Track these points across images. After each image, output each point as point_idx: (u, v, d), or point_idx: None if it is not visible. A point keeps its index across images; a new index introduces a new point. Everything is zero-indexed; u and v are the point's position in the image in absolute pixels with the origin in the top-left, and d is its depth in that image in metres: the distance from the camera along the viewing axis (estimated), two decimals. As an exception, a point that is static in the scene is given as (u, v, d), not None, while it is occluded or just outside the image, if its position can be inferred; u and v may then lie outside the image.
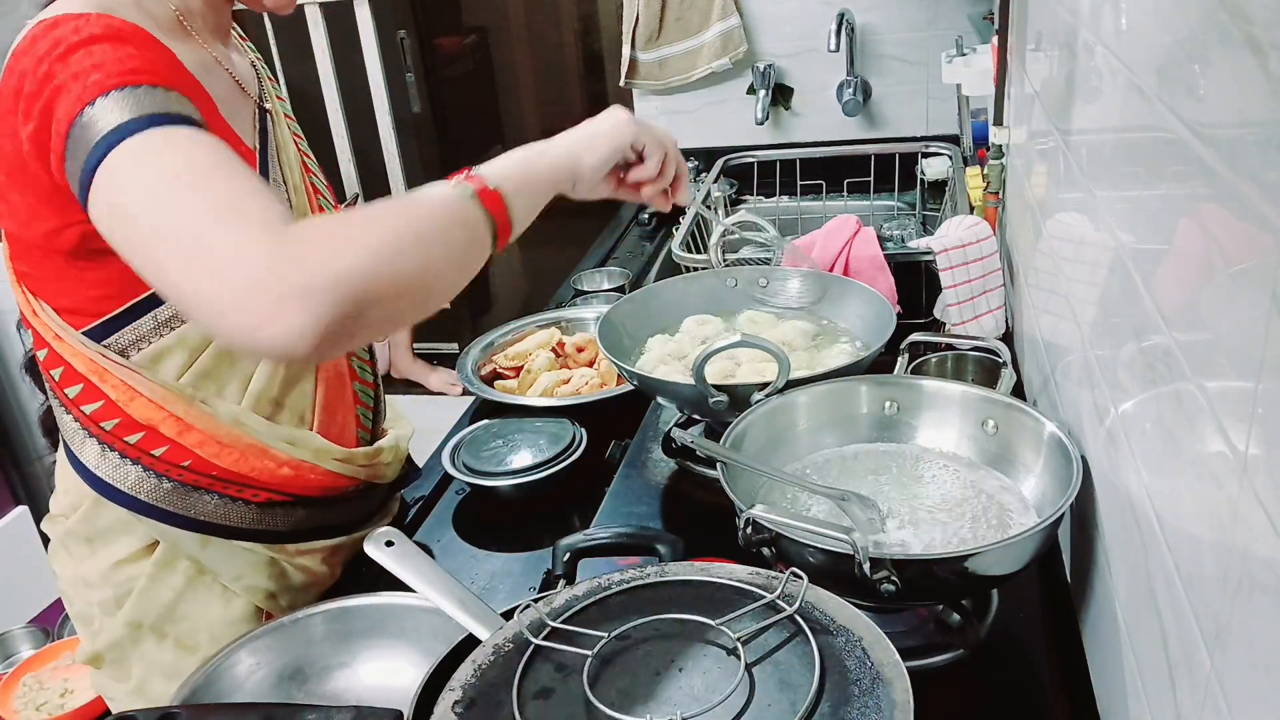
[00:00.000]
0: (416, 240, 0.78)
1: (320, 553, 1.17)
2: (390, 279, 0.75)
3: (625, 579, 0.81)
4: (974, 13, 2.29)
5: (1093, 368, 0.92)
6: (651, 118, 2.65)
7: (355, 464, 1.17)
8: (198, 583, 1.10)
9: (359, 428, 1.22)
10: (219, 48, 1.06)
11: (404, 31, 3.18)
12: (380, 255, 0.74)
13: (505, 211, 0.86)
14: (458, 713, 0.69)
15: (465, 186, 0.85)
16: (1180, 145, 0.64)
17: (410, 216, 0.80)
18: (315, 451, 1.11)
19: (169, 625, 1.10)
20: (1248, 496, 0.51)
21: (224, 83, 1.04)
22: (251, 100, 1.09)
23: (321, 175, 1.22)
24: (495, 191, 0.85)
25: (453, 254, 0.82)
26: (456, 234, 0.83)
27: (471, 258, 0.85)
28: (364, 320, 0.74)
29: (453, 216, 0.83)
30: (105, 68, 0.82)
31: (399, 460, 1.28)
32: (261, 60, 1.19)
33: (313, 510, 1.15)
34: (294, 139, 1.15)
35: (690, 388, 1.15)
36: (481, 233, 0.85)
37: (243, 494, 1.08)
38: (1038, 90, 1.30)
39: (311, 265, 0.71)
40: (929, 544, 0.95)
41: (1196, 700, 0.60)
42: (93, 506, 1.08)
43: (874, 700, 0.66)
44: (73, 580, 1.13)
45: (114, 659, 1.12)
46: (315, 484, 1.14)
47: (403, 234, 0.77)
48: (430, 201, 0.83)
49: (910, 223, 2.20)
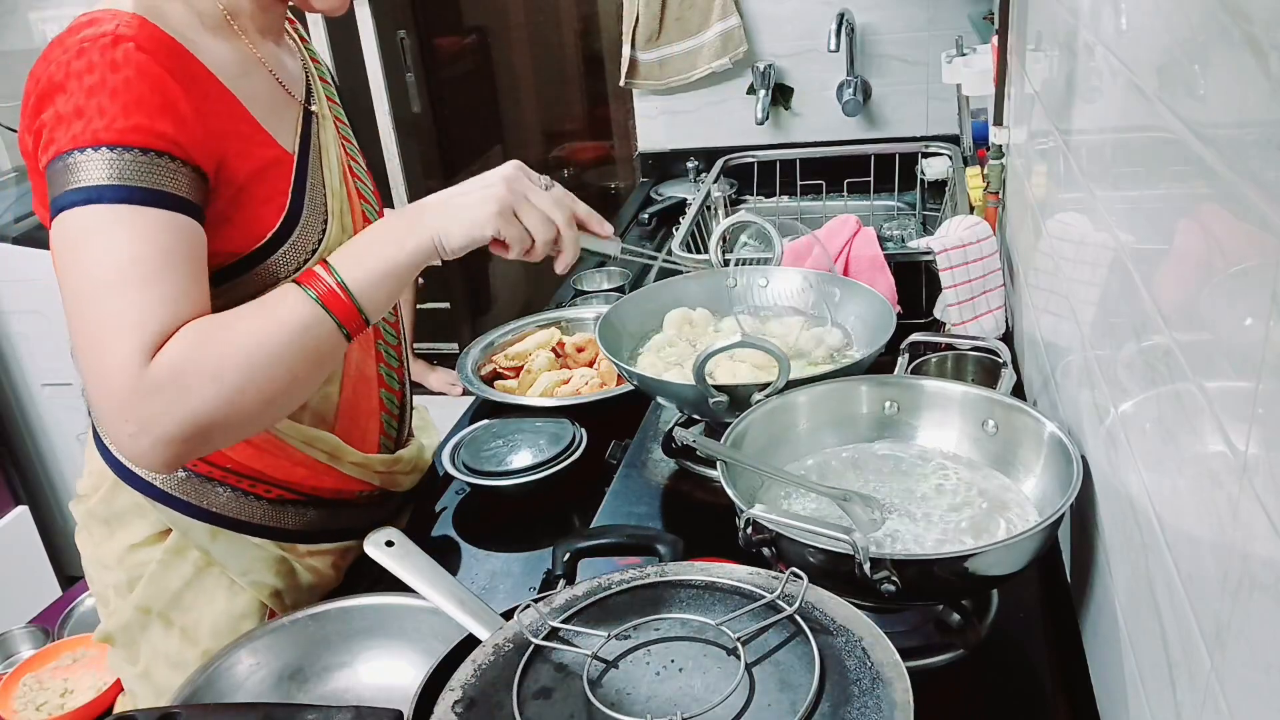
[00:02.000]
0: (268, 364, 0.87)
1: (330, 555, 1.17)
2: (237, 410, 0.86)
3: (625, 579, 0.81)
4: (974, 13, 2.29)
5: (1093, 368, 0.92)
6: (651, 118, 2.66)
7: (371, 470, 1.17)
8: (206, 574, 1.11)
9: (382, 434, 1.22)
10: (267, 47, 1.06)
11: (404, 31, 3.18)
12: (225, 394, 0.84)
13: (356, 313, 0.92)
14: (458, 713, 0.69)
15: (312, 294, 0.90)
16: (1180, 145, 0.64)
17: (262, 340, 0.87)
18: (331, 453, 1.12)
19: (175, 613, 1.11)
20: (1248, 496, 0.51)
21: (265, 83, 1.04)
22: (296, 102, 1.08)
23: (370, 181, 1.22)
24: (344, 297, 0.91)
25: (304, 363, 0.90)
26: (307, 344, 0.90)
27: (325, 359, 0.93)
28: (213, 444, 0.88)
29: (304, 328, 0.89)
30: (110, 114, 0.85)
31: (419, 471, 1.28)
32: (319, 61, 1.19)
33: (325, 512, 1.15)
34: (342, 142, 1.15)
35: (690, 388, 1.15)
36: (332, 337, 0.91)
37: (255, 489, 1.09)
38: (1038, 90, 1.30)
39: (163, 409, 0.83)
40: (929, 544, 0.95)
41: (1196, 700, 0.60)
42: (111, 489, 1.10)
43: (874, 700, 0.66)
44: (92, 560, 1.16)
45: (124, 641, 1.14)
46: (329, 485, 1.14)
47: (254, 363, 0.86)
48: (281, 317, 0.89)
49: (910, 223, 2.20)
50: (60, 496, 3.03)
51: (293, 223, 1.01)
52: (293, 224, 1.01)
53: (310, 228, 1.03)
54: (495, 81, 3.61)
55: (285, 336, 0.88)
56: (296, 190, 1.03)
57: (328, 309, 0.90)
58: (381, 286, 0.93)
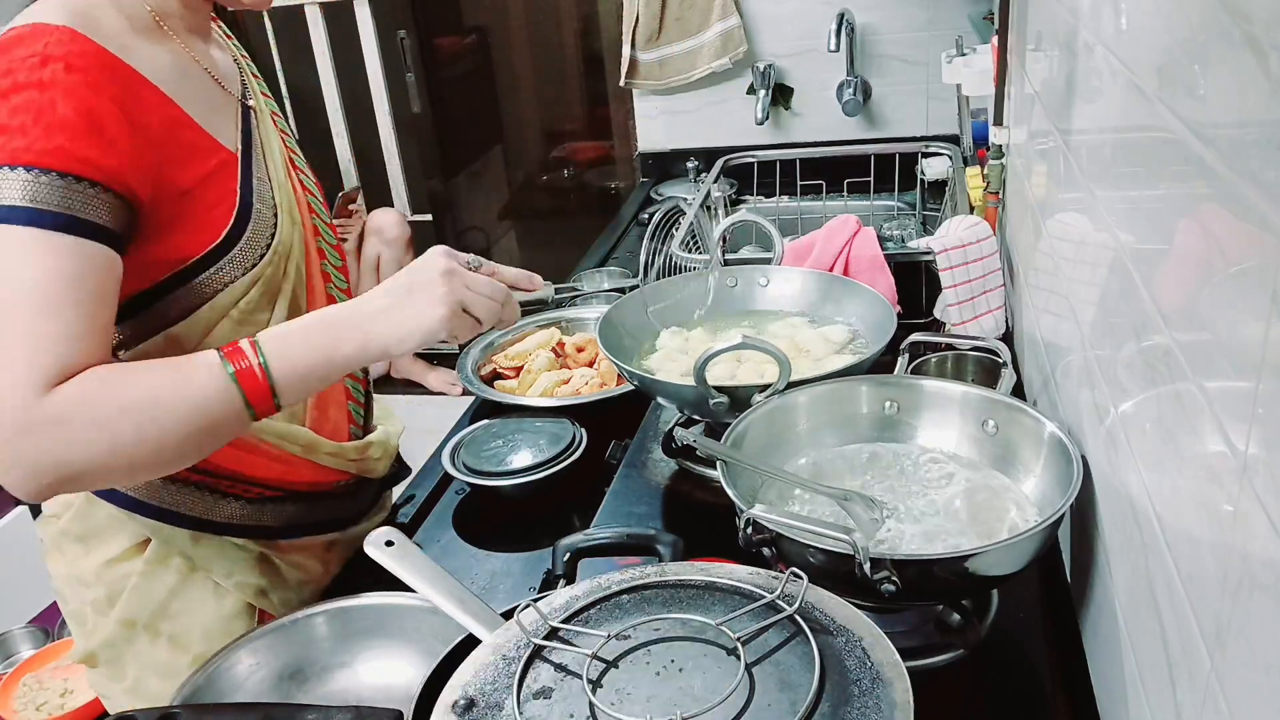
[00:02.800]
0: (163, 426, 0.85)
1: (313, 549, 1.17)
2: (118, 463, 0.84)
3: (625, 579, 0.81)
4: (974, 13, 2.29)
5: (1093, 368, 0.92)
6: (651, 118, 2.66)
7: (345, 458, 1.17)
8: (190, 580, 1.10)
9: (350, 423, 1.22)
10: (198, 46, 1.05)
11: (404, 31, 3.18)
12: (110, 446, 0.83)
13: (269, 398, 0.90)
14: (458, 713, 0.69)
15: (230, 369, 0.88)
16: (1180, 145, 0.64)
17: (163, 401, 0.85)
18: (305, 446, 1.11)
19: (162, 623, 1.11)
20: (1248, 496, 0.51)
21: (202, 84, 1.03)
22: (234, 99, 1.08)
23: (310, 172, 1.21)
24: (261, 379, 0.89)
25: (200, 433, 0.88)
26: (210, 415, 0.88)
27: (222, 434, 0.91)
28: (85, 487, 0.88)
29: (210, 400, 0.87)
30: (32, 135, 0.83)
31: (389, 456, 1.28)
32: (245, 56, 1.17)
33: (303, 506, 1.15)
34: (281, 135, 1.14)
35: (690, 388, 1.15)
36: (237, 415, 0.89)
37: (233, 489, 1.09)
38: (1038, 90, 1.30)
39: (41, 448, 0.81)
40: (929, 544, 0.95)
41: (1196, 700, 0.60)
42: (85, 504, 1.09)
43: (874, 700, 0.66)
44: (66, 579, 1.14)
45: (109, 658, 1.13)
46: (306, 479, 1.14)
47: (148, 422, 0.84)
48: (191, 382, 0.87)
49: (910, 223, 2.20)
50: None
51: (244, 221, 1.01)
52: (244, 222, 1.01)
53: (262, 224, 1.03)
54: (495, 81, 3.61)
55: (189, 404, 0.86)
56: (244, 188, 1.02)
57: (240, 386, 0.88)
58: (306, 381, 0.91)
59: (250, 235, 1.01)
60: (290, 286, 1.07)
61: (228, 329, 1.01)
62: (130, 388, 0.85)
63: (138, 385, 0.85)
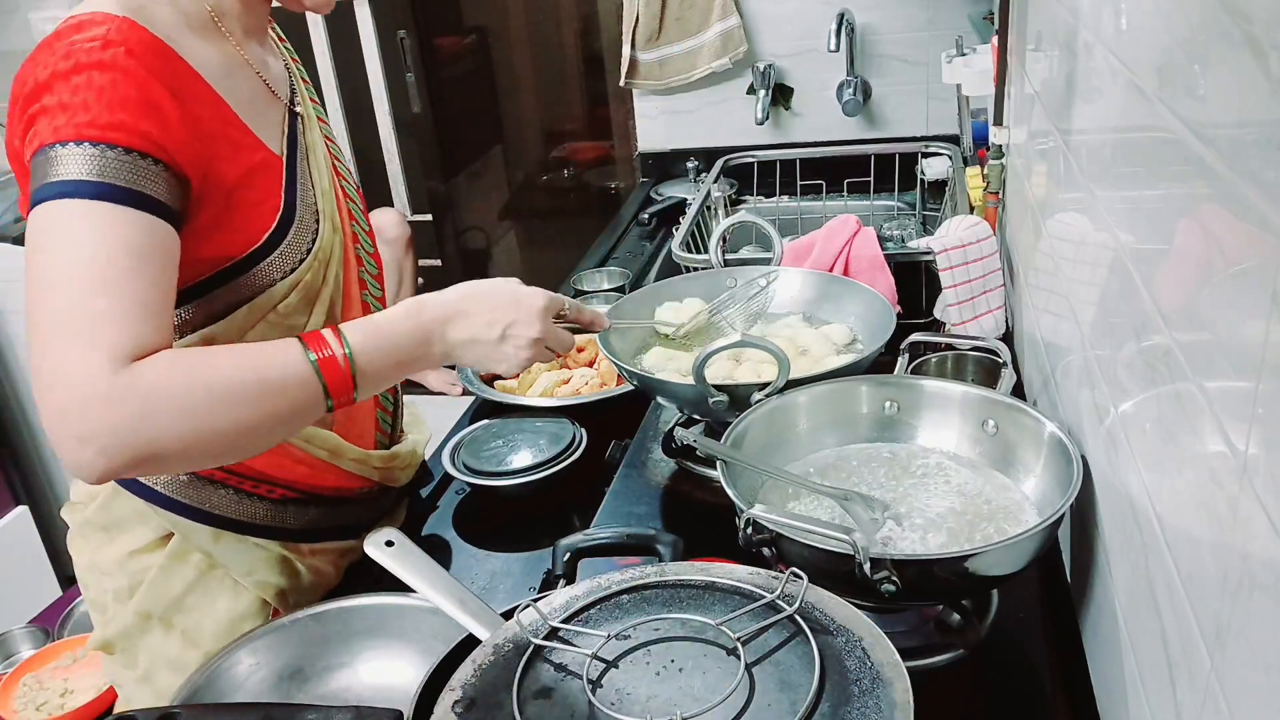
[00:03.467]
0: (242, 410, 0.84)
1: (332, 554, 1.17)
2: (196, 445, 0.82)
3: (625, 579, 0.81)
4: (974, 13, 2.29)
5: (1093, 368, 0.92)
6: (651, 118, 2.66)
7: (370, 465, 1.17)
8: (209, 576, 1.11)
9: (378, 431, 1.23)
10: (252, 48, 1.05)
11: (404, 31, 3.18)
12: (191, 434, 0.81)
13: (350, 389, 0.90)
14: (458, 713, 0.69)
15: (313, 356, 0.88)
16: (1180, 145, 0.64)
17: (245, 384, 0.84)
18: (332, 450, 1.12)
19: (176, 617, 1.11)
20: (1248, 496, 0.51)
21: (250, 84, 1.03)
22: (281, 103, 1.08)
23: (354, 179, 1.22)
24: (344, 369, 0.89)
25: (277, 420, 0.87)
26: (290, 401, 0.87)
27: (299, 422, 0.91)
28: (160, 470, 0.87)
29: (291, 386, 0.87)
30: (95, 111, 0.84)
31: (414, 466, 1.29)
32: (297, 61, 1.18)
33: (326, 510, 1.15)
34: (326, 142, 1.15)
35: (690, 388, 1.15)
36: (315, 404, 0.89)
37: (258, 489, 1.09)
38: (1038, 90, 1.30)
39: (120, 420, 0.78)
40: (929, 544, 0.95)
41: (1196, 700, 0.60)
42: (110, 495, 1.09)
43: (874, 700, 0.66)
44: (88, 567, 1.15)
45: (123, 647, 1.13)
46: (329, 483, 1.14)
47: (229, 404, 0.83)
48: (273, 366, 0.87)
49: (910, 223, 2.20)
50: (60, 497, 3.03)
51: (287, 224, 1.01)
52: (287, 226, 1.01)
53: (304, 229, 1.03)
54: (495, 81, 3.61)
55: (269, 387, 0.85)
56: (289, 192, 1.03)
57: (321, 374, 0.88)
58: (382, 376, 0.93)
59: (292, 239, 1.02)
60: (329, 292, 1.08)
61: (264, 331, 1.01)
62: (211, 368, 0.84)
63: (219, 366, 0.85)
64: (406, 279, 2.71)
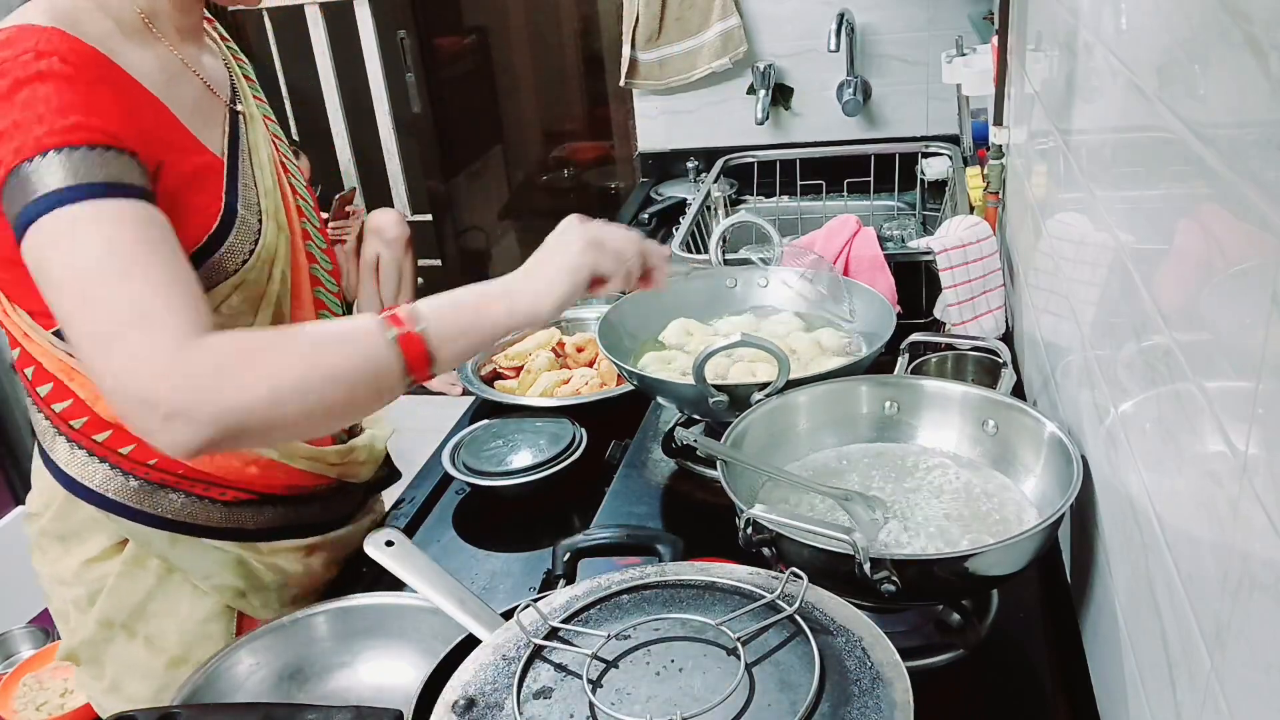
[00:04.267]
0: (320, 382, 0.82)
1: (293, 552, 1.16)
2: (278, 418, 0.80)
3: (625, 579, 0.81)
4: (974, 13, 2.29)
5: (1093, 368, 0.92)
6: (651, 118, 2.66)
7: (325, 463, 1.16)
8: (168, 581, 1.10)
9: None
10: (189, 50, 1.04)
11: (404, 31, 3.18)
12: (274, 397, 0.79)
13: (425, 358, 0.87)
14: (458, 713, 0.69)
15: (389, 330, 0.86)
16: (1180, 145, 0.64)
17: (322, 355, 0.83)
18: (282, 450, 1.11)
19: (139, 624, 1.10)
20: (1248, 496, 0.51)
21: (190, 87, 1.02)
22: (222, 104, 1.07)
23: (302, 176, 1.20)
24: (420, 339, 0.86)
25: (355, 395, 0.85)
26: (365, 377, 0.85)
27: (378, 397, 0.88)
28: (248, 442, 0.83)
29: (367, 361, 0.85)
30: (48, 120, 0.82)
31: (375, 460, 1.27)
32: (243, 59, 1.16)
33: (281, 509, 1.14)
34: (272, 140, 1.13)
35: (690, 388, 1.15)
36: (394, 377, 0.86)
37: (209, 492, 1.08)
38: (1038, 90, 1.30)
39: (202, 393, 0.77)
40: (929, 544, 0.95)
41: (1196, 700, 0.60)
42: (65, 504, 1.08)
43: (874, 700, 0.66)
44: (50, 578, 1.14)
45: (89, 657, 1.13)
46: (281, 482, 1.13)
47: (307, 375, 0.81)
48: (349, 341, 0.85)
49: (910, 223, 2.20)
50: (60, 496, 3.02)
51: (228, 226, 1.00)
52: (227, 228, 1.00)
53: (246, 230, 1.02)
54: (495, 81, 3.61)
55: (353, 360, 0.84)
56: (229, 194, 1.02)
57: (401, 349, 0.86)
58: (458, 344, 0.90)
59: (233, 241, 1.01)
60: (275, 292, 1.07)
61: None
62: (291, 338, 0.84)
63: (299, 336, 0.85)
64: (406, 279, 2.70)
